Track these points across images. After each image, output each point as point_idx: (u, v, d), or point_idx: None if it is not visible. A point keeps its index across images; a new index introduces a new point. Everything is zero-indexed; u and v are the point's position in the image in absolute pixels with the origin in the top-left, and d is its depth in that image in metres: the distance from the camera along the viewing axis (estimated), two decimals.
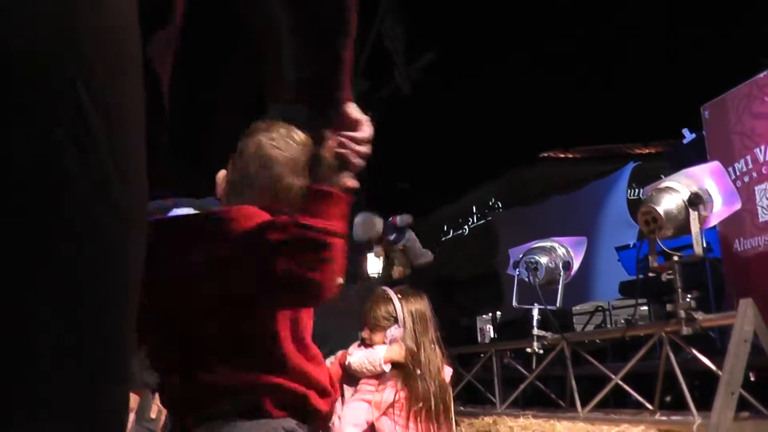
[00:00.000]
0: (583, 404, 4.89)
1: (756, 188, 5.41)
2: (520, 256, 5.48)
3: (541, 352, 5.34)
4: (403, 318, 3.54)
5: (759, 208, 5.39)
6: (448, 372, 3.61)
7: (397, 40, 17.36)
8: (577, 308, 11.08)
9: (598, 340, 7.44)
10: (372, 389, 3.49)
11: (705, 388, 5.00)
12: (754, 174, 5.45)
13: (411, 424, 3.37)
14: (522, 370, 5.96)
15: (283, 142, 1.88)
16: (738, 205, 4.35)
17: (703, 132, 6.20)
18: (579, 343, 5.70)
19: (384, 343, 3.56)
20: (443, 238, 25.68)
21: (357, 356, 3.58)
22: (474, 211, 23.99)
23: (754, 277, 5.47)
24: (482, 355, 6.68)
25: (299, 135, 1.87)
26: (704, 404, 3.99)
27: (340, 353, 3.90)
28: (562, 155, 24.09)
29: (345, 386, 3.74)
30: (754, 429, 3.74)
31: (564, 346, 5.22)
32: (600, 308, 10.24)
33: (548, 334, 5.32)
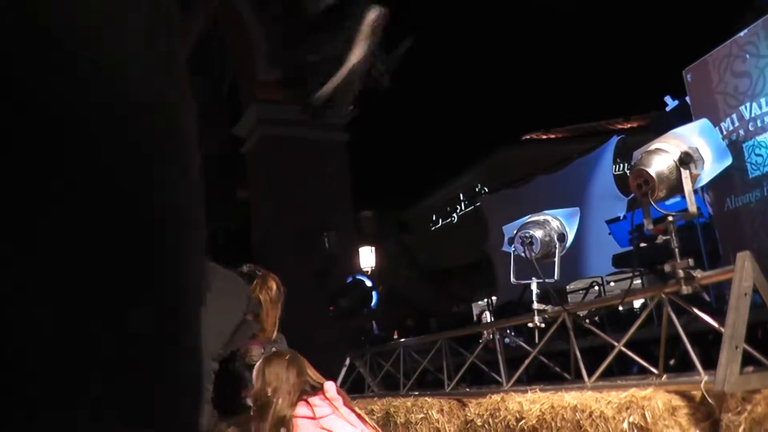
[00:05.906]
0: (588, 375, 4.87)
1: (744, 145, 5.43)
2: (515, 231, 5.47)
3: (543, 326, 5.33)
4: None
5: (748, 165, 5.41)
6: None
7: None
8: (570, 286, 11.06)
9: (594, 312, 7.41)
10: None
11: (704, 350, 5.00)
12: (741, 131, 5.46)
13: None
14: (525, 345, 5.95)
15: None
16: (729, 160, 4.35)
17: (687, 96, 6.21)
18: (577, 316, 5.68)
19: None
20: (432, 228, 25.61)
21: None
22: (461, 198, 23.93)
23: (747, 233, 5.49)
24: (483, 335, 6.61)
25: None
26: (705, 365, 3.98)
27: None
28: (545, 136, 24.11)
29: None
30: (760, 381, 3.73)
31: (565, 317, 5.20)
32: (594, 283, 10.22)
33: (548, 308, 5.31)
